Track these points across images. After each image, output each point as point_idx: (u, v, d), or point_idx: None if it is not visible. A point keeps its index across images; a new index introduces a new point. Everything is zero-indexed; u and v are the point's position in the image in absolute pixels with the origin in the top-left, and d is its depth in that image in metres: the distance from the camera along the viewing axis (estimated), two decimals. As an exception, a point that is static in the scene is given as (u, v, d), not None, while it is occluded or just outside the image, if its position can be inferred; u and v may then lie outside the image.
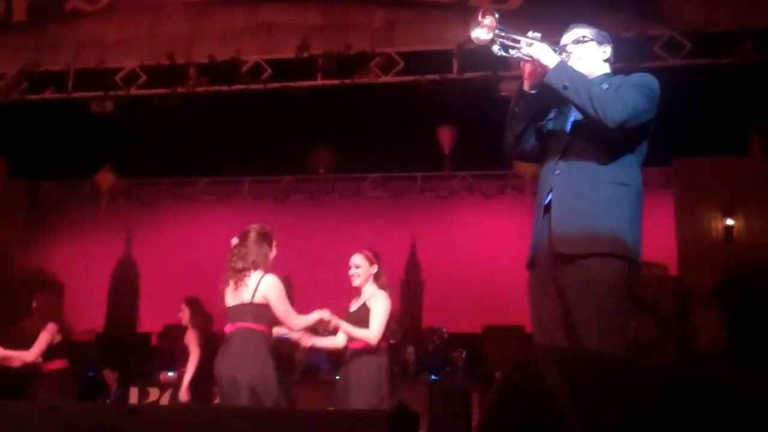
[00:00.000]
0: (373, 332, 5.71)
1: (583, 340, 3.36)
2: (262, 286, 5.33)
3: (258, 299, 5.32)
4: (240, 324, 5.32)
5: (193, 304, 8.19)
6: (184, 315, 8.17)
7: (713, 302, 10.78)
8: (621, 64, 8.37)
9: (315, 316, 5.50)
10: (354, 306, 5.92)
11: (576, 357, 1.84)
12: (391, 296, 5.93)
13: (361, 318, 5.81)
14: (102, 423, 4.27)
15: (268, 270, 5.45)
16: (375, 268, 5.96)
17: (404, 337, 11.52)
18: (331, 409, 5.57)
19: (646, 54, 8.50)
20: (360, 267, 5.94)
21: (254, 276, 5.37)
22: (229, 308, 5.42)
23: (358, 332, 5.71)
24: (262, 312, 5.33)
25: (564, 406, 1.55)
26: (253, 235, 5.48)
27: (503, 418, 1.74)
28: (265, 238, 5.51)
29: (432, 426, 9.03)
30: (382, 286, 5.96)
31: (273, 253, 5.54)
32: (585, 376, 1.63)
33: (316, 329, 5.80)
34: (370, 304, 5.82)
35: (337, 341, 5.95)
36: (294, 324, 5.44)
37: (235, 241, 5.50)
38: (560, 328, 3.56)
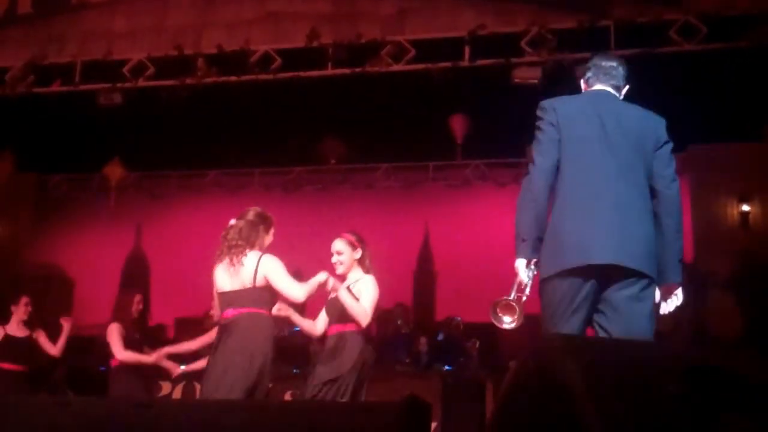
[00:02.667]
0: (366, 310, 5.52)
1: None
2: (261, 268, 5.24)
3: (259, 282, 5.24)
4: (243, 309, 5.23)
5: None
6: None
7: (729, 288, 10.71)
8: (638, 50, 8.36)
9: (315, 280, 5.28)
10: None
11: (590, 345, 1.81)
12: (379, 281, 5.68)
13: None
14: (112, 417, 4.25)
15: (264, 252, 5.36)
16: (359, 253, 5.73)
17: (417, 328, 11.48)
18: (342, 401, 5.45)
19: (662, 39, 8.41)
20: (342, 254, 5.70)
21: (251, 257, 5.29)
22: (228, 293, 5.33)
23: (354, 304, 5.46)
24: (263, 296, 5.26)
25: (578, 394, 1.53)
26: (251, 215, 5.44)
27: (518, 406, 1.74)
28: (263, 220, 5.46)
29: (445, 416, 8.98)
30: (367, 270, 5.76)
31: (269, 238, 5.47)
32: (599, 364, 1.62)
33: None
34: (357, 290, 5.62)
35: (315, 327, 5.80)
36: (296, 295, 5.24)
37: (233, 221, 5.45)
38: None
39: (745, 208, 11.28)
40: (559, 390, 1.57)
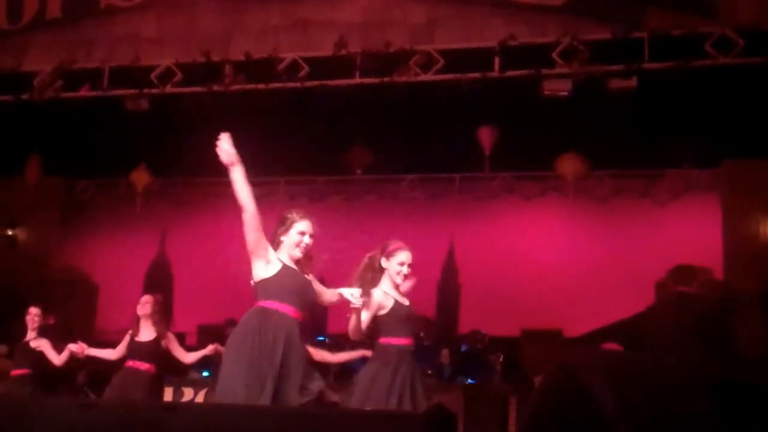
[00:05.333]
0: None
1: None
2: None
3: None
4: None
5: None
6: None
7: (760, 307, 10.54)
8: (672, 63, 8.23)
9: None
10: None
11: (620, 360, 1.76)
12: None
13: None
14: (138, 419, 4.29)
15: None
16: None
17: (439, 340, 11.38)
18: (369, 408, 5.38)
19: (696, 52, 8.26)
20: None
21: None
22: None
23: None
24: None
25: (608, 407, 1.52)
26: None
27: (547, 418, 1.71)
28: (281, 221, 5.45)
29: (468, 430, 8.89)
30: None
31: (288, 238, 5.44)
32: (629, 378, 1.61)
33: None
34: None
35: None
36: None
37: None
38: None
39: (777, 226, 11.12)
40: (589, 402, 1.56)
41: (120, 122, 10.23)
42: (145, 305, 8.01)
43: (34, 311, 8.53)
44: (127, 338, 8.02)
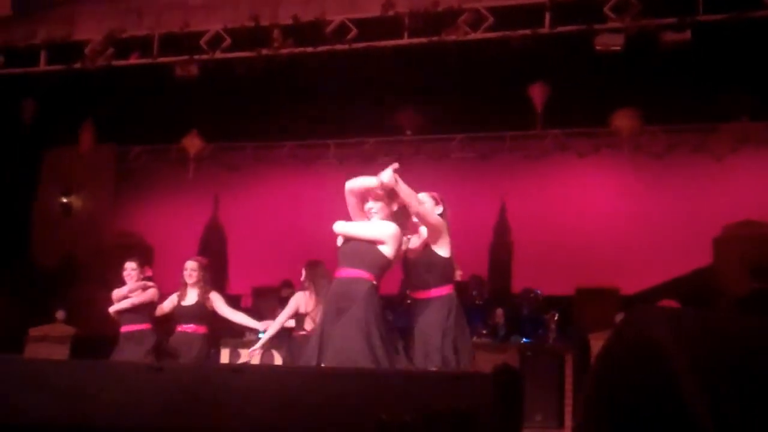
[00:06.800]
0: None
1: None
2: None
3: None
4: None
5: (311, 267, 8.12)
6: (302, 276, 8.19)
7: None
8: (726, 15, 8.03)
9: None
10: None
11: (687, 316, 1.81)
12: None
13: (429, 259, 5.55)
14: (209, 381, 4.44)
15: None
16: (440, 209, 5.66)
17: (492, 299, 11.34)
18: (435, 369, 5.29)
19: (752, 3, 8.07)
20: (423, 203, 5.63)
21: None
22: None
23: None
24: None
25: (677, 362, 1.54)
26: None
27: (613, 374, 1.72)
28: None
29: (524, 389, 8.87)
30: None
31: None
32: (694, 332, 1.62)
33: None
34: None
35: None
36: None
37: None
38: None
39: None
40: (657, 359, 1.58)
41: (170, 88, 10.30)
42: (192, 273, 8.00)
43: (129, 266, 8.47)
44: (172, 298, 8.08)
